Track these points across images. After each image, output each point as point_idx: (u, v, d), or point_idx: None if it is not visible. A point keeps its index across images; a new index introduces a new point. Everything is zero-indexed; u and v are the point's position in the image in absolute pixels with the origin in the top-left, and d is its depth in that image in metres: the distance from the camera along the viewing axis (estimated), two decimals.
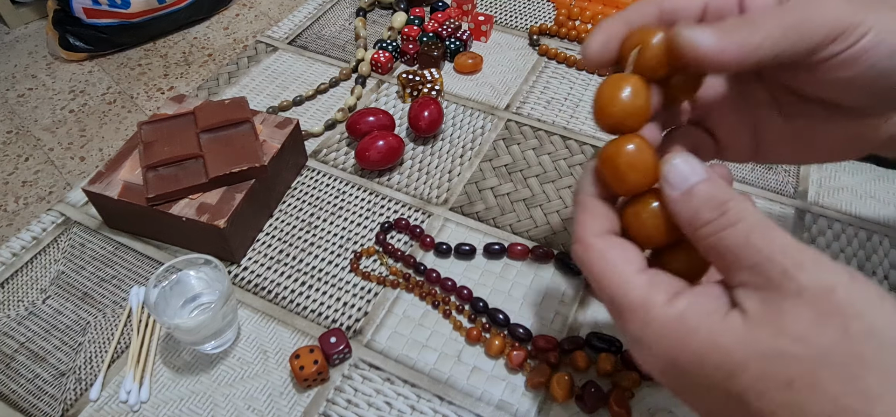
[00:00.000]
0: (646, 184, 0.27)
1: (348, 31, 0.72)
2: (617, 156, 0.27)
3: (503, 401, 0.40)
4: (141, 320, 0.45)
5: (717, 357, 0.22)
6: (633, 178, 0.27)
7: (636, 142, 0.27)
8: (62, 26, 1.72)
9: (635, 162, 0.27)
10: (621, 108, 0.27)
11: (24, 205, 1.40)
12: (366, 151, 0.53)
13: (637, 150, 0.27)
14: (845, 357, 0.20)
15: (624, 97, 0.27)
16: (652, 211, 0.27)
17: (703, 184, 0.25)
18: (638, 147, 0.27)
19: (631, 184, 0.27)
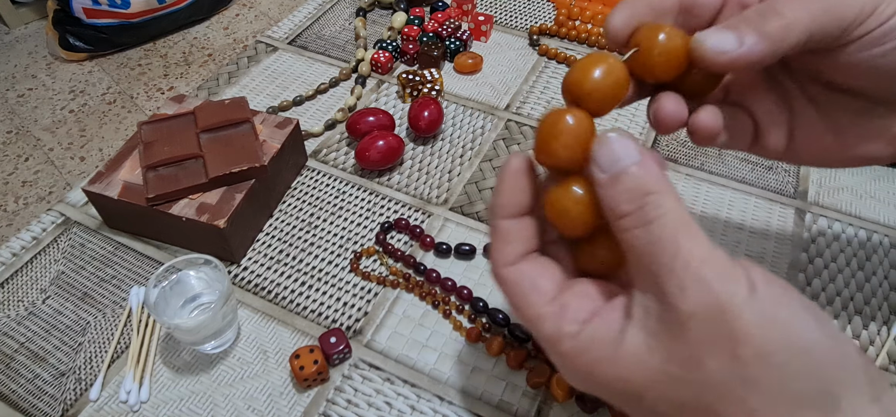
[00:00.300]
0: (576, 160, 0.25)
1: (348, 31, 0.72)
2: (551, 128, 0.25)
3: (503, 401, 0.40)
4: (141, 320, 0.45)
5: (621, 384, 0.23)
6: (563, 153, 0.25)
7: (577, 115, 0.25)
8: (62, 26, 1.72)
9: (570, 133, 0.25)
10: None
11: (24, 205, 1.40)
12: (366, 151, 0.53)
13: (576, 123, 0.25)
14: (731, 382, 0.20)
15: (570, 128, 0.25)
16: (574, 197, 0.25)
17: (633, 168, 0.23)
18: (577, 119, 0.25)
19: (559, 159, 0.25)
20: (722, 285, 0.20)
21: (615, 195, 0.23)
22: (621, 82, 0.25)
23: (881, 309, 0.45)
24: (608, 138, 0.24)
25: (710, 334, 0.20)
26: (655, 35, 0.26)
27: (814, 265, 0.48)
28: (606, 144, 0.23)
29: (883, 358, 0.42)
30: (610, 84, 0.25)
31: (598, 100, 0.25)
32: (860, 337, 0.43)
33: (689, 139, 0.29)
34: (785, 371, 0.20)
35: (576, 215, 0.25)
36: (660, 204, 0.22)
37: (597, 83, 0.25)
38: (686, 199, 0.52)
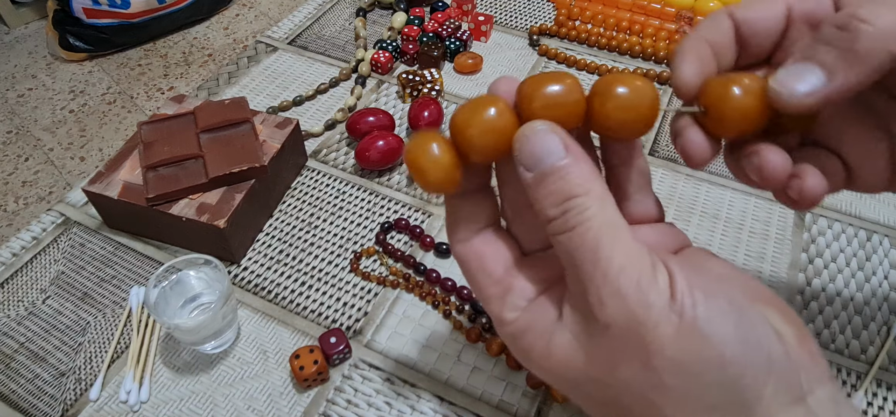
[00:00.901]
0: (497, 155, 0.23)
1: (348, 31, 0.72)
2: (470, 116, 0.23)
3: (503, 401, 0.40)
4: (141, 320, 0.45)
5: (554, 374, 0.23)
6: (481, 144, 0.23)
7: (498, 106, 0.23)
8: (62, 26, 1.72)
9: (489, 127, 0.22)
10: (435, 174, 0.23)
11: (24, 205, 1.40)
12: (366, 151, 0.53)
13: (497, 115, 0.22)
14: (645, 389, 0.21)
15: (434, 155, 0.23)
16: (432, 158, 0.23)
17: (558, 168, 0.21)
18: (499, 110, 0.22)
19: (477, 151, 0.23)
20: (638, 296, 0.20)
21: (539, 198, 0.22)
22: (508, 132, 0.22)
23: (881, 309, 0.45)
24: (530, 133, 0.22)
25: (625, 344, 0.21)
26: (727, 90, 0.23)
27: (814, 265, 0.48)
28: (528, 141, 0.22)
29: (883, 358, 0.42)
30: (492, 135, 0.22)
31: (480, 150, 0.23)
32: (860, 337, 0.43)
33: (759, 183, 0.25)
34: (698, 381, 0.20)
35: (434, 178, 0.23)
36: (582, 208, 0.21)
37: (480, 130, 0.22)
38: (686, 200, 0.52)
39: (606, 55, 0.68)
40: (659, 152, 0.57)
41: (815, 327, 0.44)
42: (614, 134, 0.23)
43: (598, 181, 0.21)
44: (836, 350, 0.43)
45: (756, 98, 0.22)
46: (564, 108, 0.22)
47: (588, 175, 0.21)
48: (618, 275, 0.20)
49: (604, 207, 0.21)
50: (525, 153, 0.22)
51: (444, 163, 0.23)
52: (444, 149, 0.23)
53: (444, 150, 0.23)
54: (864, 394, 0.40)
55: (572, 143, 0.22)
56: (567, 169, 0.21)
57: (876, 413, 0.40)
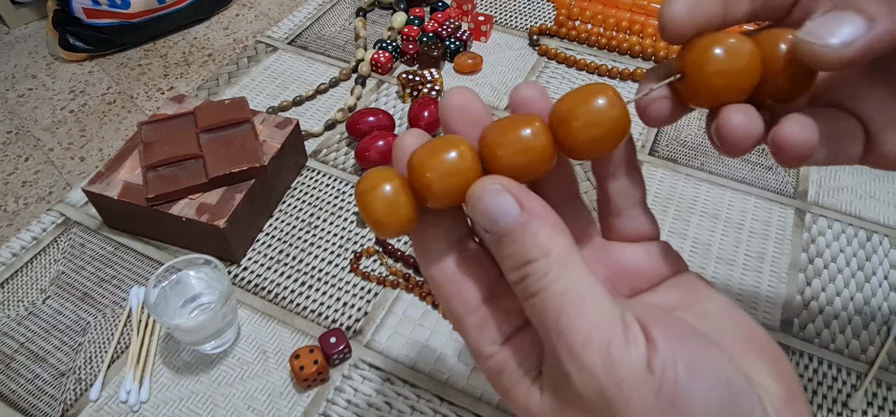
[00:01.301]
0: (454, 202, 0.21)
1: (348, 31, 0.72)
2: (425, 166, 0.20)
3: (503, 402, 0.40)
4: (141, 320, 0.45)
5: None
6: (441, 194, 0.20)
7: (460, 149, 0.20)
8: (62, 26, 1.72)
9: (448, 172, 0.20)
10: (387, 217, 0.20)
11: (24, 205, 1.40)
12: (366, 151, 0.53)
13: (459, 159, 0.20)
14: None
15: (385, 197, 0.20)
16: (385, 199, 0.20)
17: (512, 230, 0.19)
18: (460, 154, 0.20)
19: (439, 201, 0.20)
20: (606, 371, 0.18)
21: (499, 259, 0.20)
22: (469, 178, 0.20)
23: (881, 309, 0.45)
24: (479, 193, 0.20)
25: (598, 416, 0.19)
26: (710, 51, 0.20)
27: (814, 265, 0.48)
28: (479, 201, 0.20)
29: (883, 358, 0.42)
30: (452, 180, 0.20)
31: (438, 196, 0.20)
32: (860, 337, 0.43)
33: (720, 147, 0.22)
34: None
35: (389, 225, 0.20)
36: (541, 273, 0.19)
37: (439, 174, 0.20)
38: (686, 200, 0.52)
39: (606, 55, 0.68)
40: (659, 152, 0.57)
41: (815, 327, 0.44)
42: (589, 156, 0.21)
43: (560, 238, 0.19)
44: (836, 351, 0.43)
45: (743, 62, 0.20)
46: (529, 155, 0.20)
47: (547, 233, 0.19)
48: (583, 348, 0.18)
49: (566, 269, 0.19)
50: (479, 214, 0.20)
51: (398, 206, 0.20)
52: (398, 190, 0.20)
53: (398, 192, 0.20)
54: (863, 394, 0.40)
55: (529, 198, 0.19)
56: (522, 229, 0.19)
57: (876, 413, 0.40)
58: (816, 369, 0.42)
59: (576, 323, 0.18)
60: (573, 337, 0.18)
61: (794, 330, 0.44)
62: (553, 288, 0.19)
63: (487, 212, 0.19)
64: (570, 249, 0.19)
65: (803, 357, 0.43)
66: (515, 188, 0.20)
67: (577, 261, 0.19)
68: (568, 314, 0.18)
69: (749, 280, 0.47)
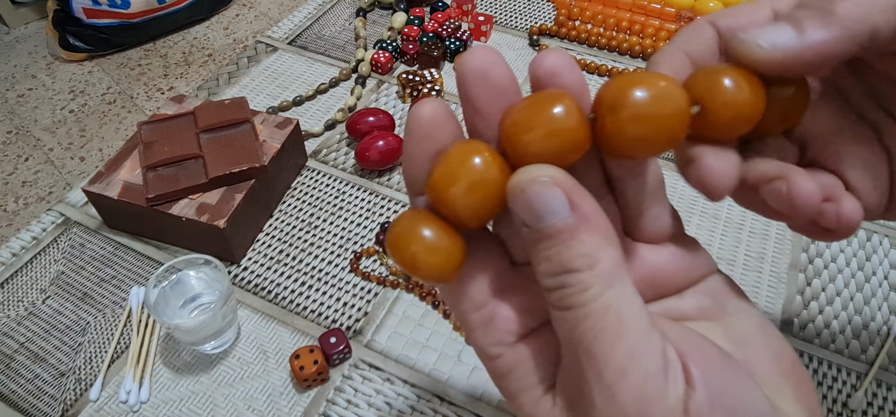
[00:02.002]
0: (486, 217, 0.18)
1: (348, 31, 0.72)
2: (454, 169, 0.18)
3: (503, 402, 0.40)
4: (141, 320, 0.45)
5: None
6: (468, 206, 0.18)
7: (484, 156, 0.18)
8: (62, 26, 1.72)
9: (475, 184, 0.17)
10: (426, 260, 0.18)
11: (24, 205, 1.39)
12: (366, 151, 0.53)
13: (485, 166, 0.17)
14: None
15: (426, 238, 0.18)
16: (426, 243, 0.18)
17: (559, 232, 0.17)
18: (487, 162, 0.18)
19: (463, 214, 0.18)
20: (639, 409, 0.16)
21: (535, 259, 0.18)
22: (499, 185, 0.18)
23: (881, 309, 0.45)
24: (526, 186, 0.17)
25: None
26: (718, 82, 0.19)
27: (814, 265, 0.48)
28: (524, 195, 0.17)
29: (883, 358, 0.42)
30: (482, 193, 0.18)
31: (474, 215, 0.18)
32: (860, 337, 0.43)
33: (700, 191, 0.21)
34: None
35: (437, 272, 0.18)
36: (583, 287, 0.17)
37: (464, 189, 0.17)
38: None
39: (606, 55, 0.68)
40: None
41: (815, 327, 0.44)
42: (631, 154, 0.18)
43: (609, 250, 0.17)
44: (836, 351, 0.43)
45: (750, 88, 0.19)
46: (560, 139, 0.17)
47: (597, 243, 0.17)
48: (616, 379, 0.16)
49: (610, 287, 0.17)
50: (522, 206, 0.17)
51: (443, 249, 0.18)
52: (438, 232, 0.18)
53: (439, 234, 0.18)
54: (863, 394, 0.40)
55: (582, 198, 0.17)
56: (570, 234, 0.17)
57: (876, 413, 0.40)
58: (816, 369, 0.42)
59: (612, 350, 0.16)
60: (607, 364, 0.16)
61: (794, 330, 0.44)
62: (593, 305, 0.17)
63: (533, 208, 0.17)
64: (617, 265, 0.17)
65: (803, 357, 0.43)
66: (568, 183, 0.17)
67: (624, 280, 0.17)
68: (605, 338, 0.16)
69: (749, 280, 0.47)
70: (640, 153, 0.18)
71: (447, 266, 0.18)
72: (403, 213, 0.18)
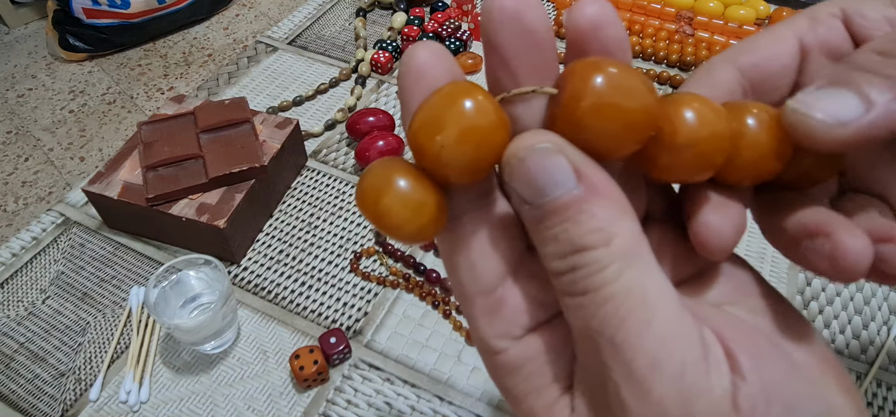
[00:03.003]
0: (479, 172, 0.15)
1: (348, 31, 0.72)
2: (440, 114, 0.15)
3: (503, 401, 0.40)
4: (141, 320, 0.45)
5: None
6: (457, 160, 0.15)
7: (477, 99, 0.15)
8: (62, 26, 1.72)
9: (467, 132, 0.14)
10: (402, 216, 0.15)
11: (24, 205, 1.39)
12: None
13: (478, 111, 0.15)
14: None
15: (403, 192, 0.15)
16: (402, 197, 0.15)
17: (565, 206, 0.14)
18: (480, 106, 0.15)
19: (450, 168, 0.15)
20: (680, 406, 0.14)
21: (540, 241, 0.15)
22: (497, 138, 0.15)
23: (881, 309, 0.45)
24: (524, 154, 0.15)
25: None
26: (741, 122, 0.16)
27: None
28: (522, 164, 0.15)
29: (883, 358, 0.42)
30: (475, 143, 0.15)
31: (461, 167, 0.15)
32: (860, 338, 0.43)
33: None
34: None
35: (412, 226, 0.15)
36: (598, 267, 0.14)
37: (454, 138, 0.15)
38: None
39: None
40: None
41: (815, 327, 0.44)
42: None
43: (626, 222, 0.15)
44: (836, 350, 0.43)
45: (774, 129, 0.16)
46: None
47: (610, 215, 0.14)
48: (649, 373, 0.14)
49: (631, 264, 0.14)
50: (520, 180, 0.15)
51: (418, 202, 0.15)
52: (415, 182, 0.15)
53: (416, 185, 0.15)
54: (863, 394, 0.40)
55: (588, 166, 0.15)
56: (578, 207, 0.14)
57: (876, 413, 0.40)
58: None
59: (641, 339, 0.14)
60: (636, 356, 0.14)
61: None
62: (612, 287, 0.14)
63: (533, 180, 0.15)
64: (637, 239, 0.15)
65: None
66: (570, 150, 0.15)
67: (645, 256, 0.15)
68: (631, 325, 0.14)
69: None
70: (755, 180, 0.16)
71: (424, 221, 0.15)
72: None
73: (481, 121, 0.14)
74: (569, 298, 0.15)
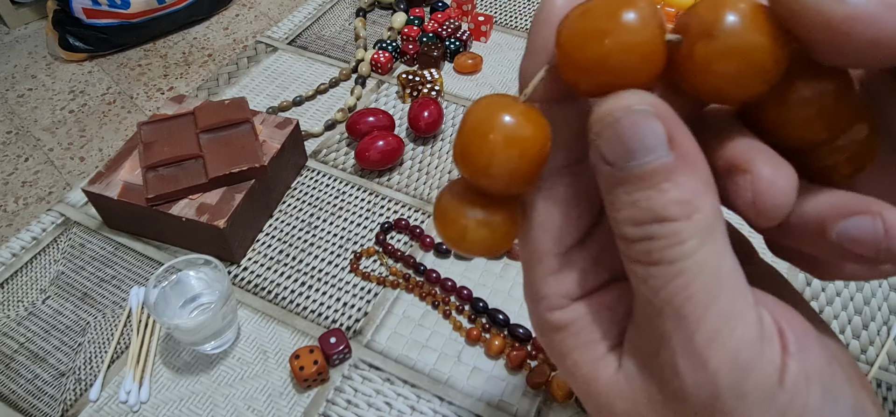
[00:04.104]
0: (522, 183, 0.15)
1: (348, 31, 0.72)
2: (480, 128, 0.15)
3: (503, 401, 0.40)
4: (141, 320, 0.45)
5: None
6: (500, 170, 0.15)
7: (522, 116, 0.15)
8: (62, 26, 1.72)
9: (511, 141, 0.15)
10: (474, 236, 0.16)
11: (24, 205, 1.39)
12: (366, 151, 0.53)
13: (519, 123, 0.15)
14: None
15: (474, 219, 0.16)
16: (476, 219, 0.16)
17: (654, 172, 0.14)
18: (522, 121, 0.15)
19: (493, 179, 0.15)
20: (733, 378, 0.14)
21: (616, 205, 0.15)
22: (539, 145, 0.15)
23: (881, 309, 0.45)
24: (621, 114, 0.14)
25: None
26: (721, 16, 0.14)
27: None
28: (617, 125, 0.14)
29: (883, 358, 0.42)
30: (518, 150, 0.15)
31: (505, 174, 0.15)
32: (860, 338, 0.43)
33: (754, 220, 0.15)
34: None
35: (478, 242, 0.16)
36: (676, 240, 0.14)
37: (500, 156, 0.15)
38: None
39: None
40: None
41: None
42: (714, 95, 0.15)
43: (709, 198, 0.14)
44: None
45: (764, 42, 0.13)
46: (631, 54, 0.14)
47: (697, 188, 0.14)
48: (707, 344, 0.14)
49: (707, 241, 0.14)
50: (610, 141, 0.14)
51: (495, 222, 0.16)
52: (489, 203, 0.16)
53: (490, 205, 0.16)
54: None
55: (683, 134, 0.14)
56: (665, 176, 0.14)
57: None
58: None
59: (706, 312, 0.14)
60: (698, 328, 0.14)
61: None
62: (687, 262, 0.14)
63: (624, 142, 0.14)
64: (717, 216, 0.14)
65: None
66: (669, 114, 0.14)
67: (722, 235, 0.14)
68: (698, 299, 0.14)
69: None
70: (732, 94, 0.14)
71: (501, 240, 0.16)
72: (449, 184, 0.16)
73: (524, 132, 0.15)
74: (639, 267, 0.15)
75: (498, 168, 0.15)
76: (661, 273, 0.14)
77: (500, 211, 0.16)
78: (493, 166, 0.15)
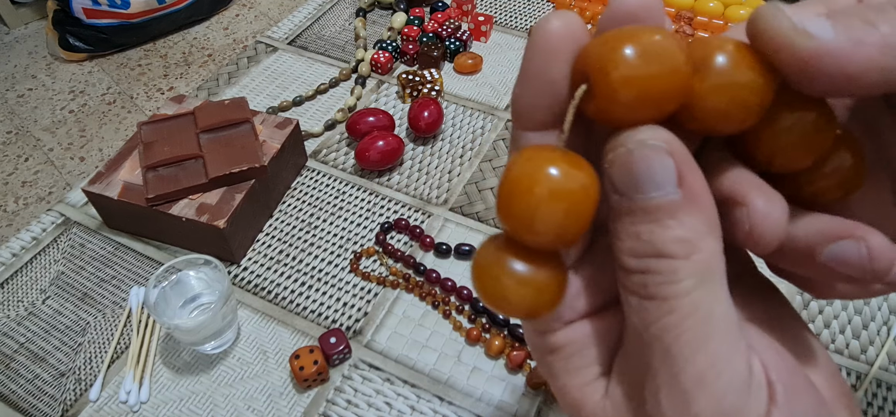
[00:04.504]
0: (575, 237, 0.15)
1: (348, 31, 0.72)
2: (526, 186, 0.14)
3: (503, 401, 0.40)
4: (141, 320, 0.45)
5: None
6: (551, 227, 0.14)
7: (571, 169, 0.14)
8: (62, 26, 1.72)
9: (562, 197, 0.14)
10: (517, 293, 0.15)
11: (24, 205, 1.39)
12: (366, 151, 0.53)
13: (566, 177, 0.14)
14: None
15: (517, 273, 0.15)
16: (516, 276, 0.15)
17: (659, 209, 0.14)
18: (570, 174, 0.14)
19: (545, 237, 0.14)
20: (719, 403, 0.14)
21: (620, 233, 0.15)
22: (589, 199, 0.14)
23: (881, 310, 0.45)
24: (633, 146, 0.14)
25: None
26: (711, 56, 0.14)
27: None
28: (629, 156, 0.14)
29: (883, 358, 0.42)
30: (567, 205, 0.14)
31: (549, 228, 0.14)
32: (860, 337, 0.43)
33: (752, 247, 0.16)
34: None
35: (519, 301, 0.15)
36: (673, 278, 0.14)
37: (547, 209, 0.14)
38: None
39: None
40: None
41: (815, 327, 0.44)
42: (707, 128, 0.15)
43: (710, 240, 0.14)
44: (835, 351, 0.43)
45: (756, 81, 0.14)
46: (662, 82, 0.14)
47: (699, 229, 0.14)
48: (693, 387, 0.14)
49: (703, 283, 0.14)
50: (620, 171, 0.15)
51: (539, 281, 0.15)
52: (532, 261, 0.15)
53: (533, 263, 0.15)
54: (863, 394, 0.40)
55: (692, 172, 0.14)
56: (670, 212, 0.14)
57: (876, 413, 0.40)
58: None
59: (694, 354, 0.14)
60: (685, 368, 0.14)
61: None
62: (681, 301, 0.14)
63: (635, 175, 0.14)
64: (716, 259, 0.15)
65: None
66: (681, 152, 0.14)
67: (719, 278, 0.15)
68: (687, 339, 0.14)
69: None
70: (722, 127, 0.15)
71: (546, 301, 0.15)
72: (490, 238, 0.16)
73: (572, 185, 0.14)
74: (634, 297, 0.15)
75: (543, 223, 0.14)
76: (654, 308, 0.14)
77: (545, 268, 0.15)
78: (538, 221, 0.14)
